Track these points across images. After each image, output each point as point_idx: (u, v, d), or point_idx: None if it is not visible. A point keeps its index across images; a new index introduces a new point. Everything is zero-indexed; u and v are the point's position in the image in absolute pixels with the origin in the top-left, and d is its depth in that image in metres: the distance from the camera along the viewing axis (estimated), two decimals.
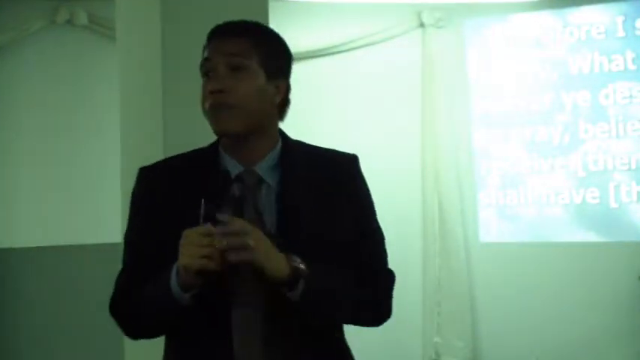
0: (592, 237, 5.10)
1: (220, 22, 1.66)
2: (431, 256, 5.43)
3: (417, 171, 5.49)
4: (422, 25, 5.50)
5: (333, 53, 5.39)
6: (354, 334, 1.83)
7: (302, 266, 1.49)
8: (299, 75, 6.05)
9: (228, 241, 1.42)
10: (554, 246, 5.20)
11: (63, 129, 4.89)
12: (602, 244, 5.06)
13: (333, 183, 1.64)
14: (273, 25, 2.94)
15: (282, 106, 1.66)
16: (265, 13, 2.87)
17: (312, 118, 5.31)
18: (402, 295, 6.35)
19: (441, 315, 5.41)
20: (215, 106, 1.56)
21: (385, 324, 1.74)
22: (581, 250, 5.10)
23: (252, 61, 1.58)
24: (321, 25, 5.38)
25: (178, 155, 1.70)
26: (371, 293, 1.64)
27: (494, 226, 5.36)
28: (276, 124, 1.67)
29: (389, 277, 1.70)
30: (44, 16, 4.90)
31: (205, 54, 1.61)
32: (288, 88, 1.66)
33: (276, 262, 1.47)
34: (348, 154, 1.72)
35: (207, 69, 1.59)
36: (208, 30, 1.65)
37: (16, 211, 4.82)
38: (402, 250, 5.35)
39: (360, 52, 5.43)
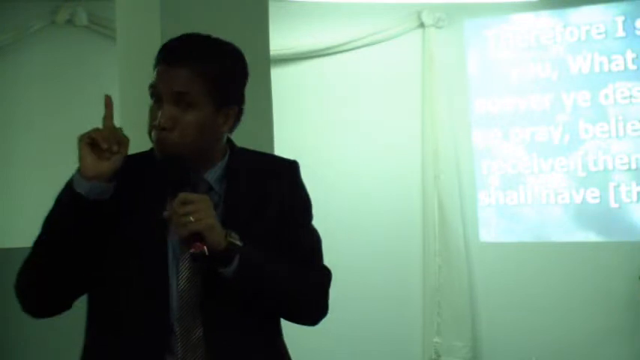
0: (592, 237, 5.10)
1: (220, 22, 1.66)
2: (431, 256, 5.43)
3: (417, 171, 5.48)
4: (422, 25, 5.50)
5: (333, 53, 5.39)
6: (354, 334, 1.83)
7: (239, 243, 1.52)
8: (299, 75, 6.09)
9: (177, 210, 1.47)
10: (554, 246, 5.20)
11: (63, 129, 4.89)
12: (602, 244, 5.06)
13: (272, 189, 1.67)
14: (273, 25, 2.96)
15: (232, 128, 1.65)
16: (265, 13, 2.87)
17: (312, 118, 5.32)
18: (402, 295, 6.35)
19: (441, 315, 5.40)
20: (159, 141, 1.56)
21: (385, 324, 1.75)
22: (581, 250, 5.10)
23: (199, 94, 1.55)
24: (321, 25, 5.38)
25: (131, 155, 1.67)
26: (306, 286, 1.67)
27: (494, 226, 5.37)
28: (224, 140, 1.66)
29: (324, 274, 1.72)
30: (44, 16, 4.90)
31: (153, 78, 1.58)
32: (240, 112, 1.64)
33: (217, 235, 1.49)
34: (289, 160, 1.74)
35: (153, 94, 1.58)
36: (208, 30, 1.64)
37: (16, 211, 4.81)
38: (402, 250, 5.37)
39: (360, 52, 5.42)
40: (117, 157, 1.49)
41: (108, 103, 1.54)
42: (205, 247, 1.46)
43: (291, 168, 1.72)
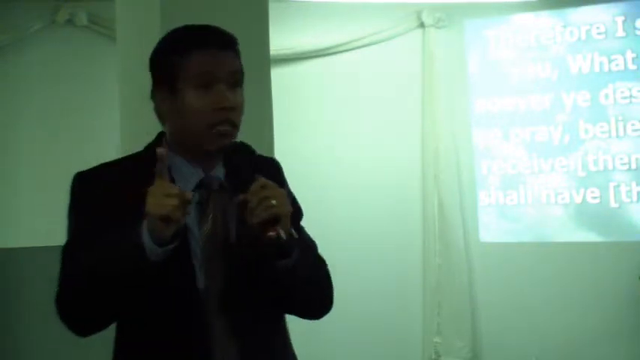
0: (592, 237, 5.10)
1: (220, 22, 1.64)
2: (431, 256, 5.43)
3: (417, 170, 5.49)
4: (422, 25, 5.50)
5: (333, 53, 5.39)
6: (354, 334, 1.83)
7: (296, 235, 1.52)
8: (299, 75, 6.09)
9: (259, 193, 1.46)
10: (554, 246, 5.20)
11: (63, 128, 4.89)
12: (602, 244, 5.06)
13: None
14: (273, 25, 2.95)
15: None
16: (265, 13, 2.87)
17: (312, 117, 5.32)
18: (402, 295, 6.35)
19: (441, 315, 5.40)
20: (226, 124, 1.53)
21: (385, 324, 1.76)
22: (581, 250, 5.10)
23: (242, 74, 1.58)
24: (321, 25, 5.38)
25: (120, 159, 1.65)
26: (326, 278, 1.68)
27: (494, 225, 5.37)
28: None
29: (326, 266, 1.72)
30: (44, 16, 4.90)
31: (205, 66, 1.53)
32: None
33: (288, 224, 1.49)
34: (272, 158, 1.74)
35: (208, 82, 1.53)
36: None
37: (16, 211, 4.82)
38: (402, 249, 5.37)
39: (360, 52, 5.43)
40: (184, 217, 1.44)
41: (162, 158, 1.45)
42: (282, 232, 1.46)
43: (278, 165, 1.73)
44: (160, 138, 1.62)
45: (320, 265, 1.67)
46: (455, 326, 5.37)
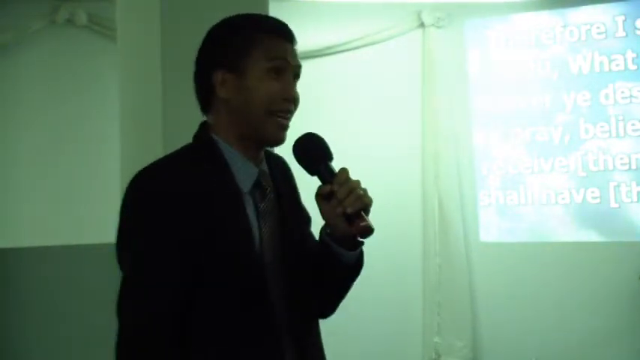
0: (592, 237, 5.10)
1: (219, 22, 1.63)
2: (431, 256, 5.43)
3: (418, 171, 5.49)
4: (422, 25, 5.50)
5: (333, 53, 5.39)
6: (354, 334, 1.83)
7: None
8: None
9: (349, 183, 1.47)
10: (554, 246, 5.20)
11: (63, 129, 4.89)
12: (602, 244, 5.06)
13: (293, 181, 1.68)
14: None
15: None
16: (265, 13, 2.87)
17: (311, 117, 5.30)
18: (402, 295, 6.33)
19: (441, 315, 5.40)
20: (286, 116, 1.52)
21: (385, 324, 1.76)
22: (581, 250, 5.10)
23: None
24: (322, 24, 5.38)
25: (179, 163, 1.51)
26: None
27: (494, 225, 5.37)
28: None
29: None
30: (44, 16, 4.90)
31: (282, 53, 1.52)
32: None
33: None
34: (280, 157, 1.73)
35: (281, 68, 1.51)
36: (208, 29, 1.62)
37: (16, 211, 4.81)
38: (402, 249, 5.37)
39: (360, 52, 5.43)
40: None
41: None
42: (371, 223, 1.46)
43: (287, 163, 1.72)
44: (204, 129, 1.55)
45: None
46: (455, 326, 5.37)
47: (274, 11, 3.06)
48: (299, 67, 1.56)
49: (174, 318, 1.41)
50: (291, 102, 1.52)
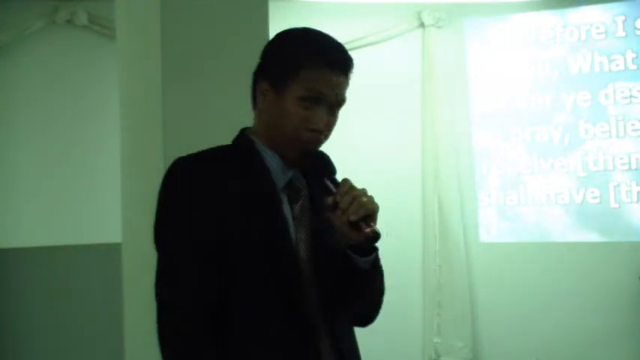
0: (592, 237, 5.10)
1: (220, 21, 1.64)
2: (431, 256, 5.43)
3: (417, 171, 5.49)
4: (422, 25, 5.50)
5: None
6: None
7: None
8: None
9: (353, 192, 1.50)
10: (554, 246, 5.20)
11: (63, 129, 4.89)
12: (602, 244, 5.06)
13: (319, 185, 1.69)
14: (273, 25, 2.95)
15: None
16: (265, 13, 2.87)
17: None
18: (402, 295, 6.32)
19: (441, 315, 5.40)
20: (312, 142, 1.56)
21: (385, 324, 1.76)
22: (581, 250, 5.10)
23: None
24: (321, 25, 5.30)
25: (219, 159, 1.57)
26: (383, 283, 1.74)
27: (494, 226, 5.37)
28: None
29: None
30: (44, 16, 4.90)
31: (321, 85, 1.54)
32: None
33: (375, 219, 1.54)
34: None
35: (315, 100, 1.55)
36: (208, 29, 1.62)
37: (16, 211, 4.81)
38: (402, 250, 5.36)
39: (360, 52, 5.42)
40: None
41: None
42: (377, 229, 1.48)
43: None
44: (244, 135, 1.61)
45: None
46: (455, 326, 5.36)
47: (274, 11, 3.06)
48: (341, 100, 1.60)
49: (208, 298, 1.45)
50: (316, 132, 1.55)
